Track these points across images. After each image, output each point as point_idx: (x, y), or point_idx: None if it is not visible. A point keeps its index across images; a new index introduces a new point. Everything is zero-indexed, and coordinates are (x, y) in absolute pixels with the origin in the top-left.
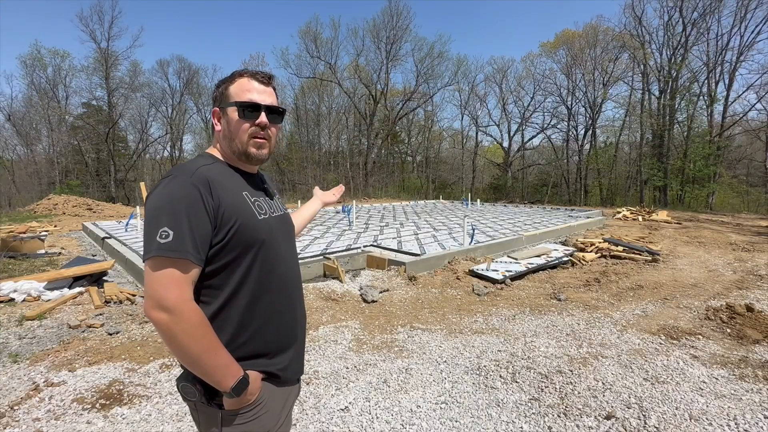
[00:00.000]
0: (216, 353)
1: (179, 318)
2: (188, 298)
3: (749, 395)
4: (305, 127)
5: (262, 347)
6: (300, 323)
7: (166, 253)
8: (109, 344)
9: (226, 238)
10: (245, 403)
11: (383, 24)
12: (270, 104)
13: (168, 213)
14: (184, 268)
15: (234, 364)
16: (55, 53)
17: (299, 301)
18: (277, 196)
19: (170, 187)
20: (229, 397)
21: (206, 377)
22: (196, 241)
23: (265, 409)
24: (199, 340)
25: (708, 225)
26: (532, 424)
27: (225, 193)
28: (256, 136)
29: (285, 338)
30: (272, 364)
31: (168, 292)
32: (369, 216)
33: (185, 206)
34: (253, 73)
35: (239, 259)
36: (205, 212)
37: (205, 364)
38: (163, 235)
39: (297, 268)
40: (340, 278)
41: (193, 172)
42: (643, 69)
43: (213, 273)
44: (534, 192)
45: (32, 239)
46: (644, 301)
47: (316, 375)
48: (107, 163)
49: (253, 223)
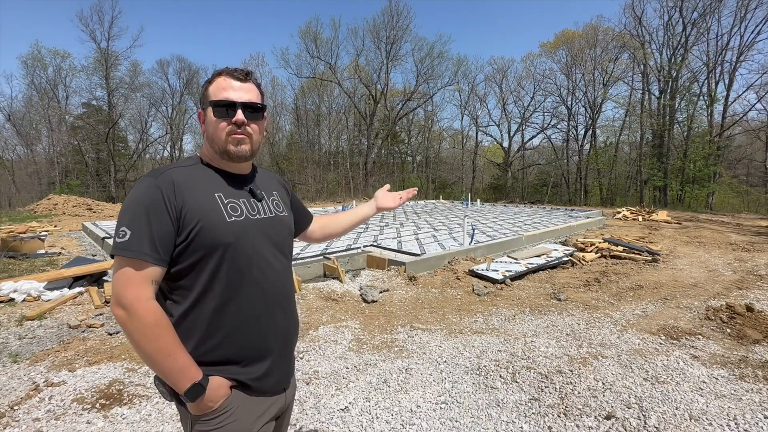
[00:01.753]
0: (170, 355)
1: (133, 316)
2: (145, 297)
3: (749, 395)
4: (305, 127)
5: (233, 354)
6: (285, 332)
7: (122, 252)
8: (109, 344)
9: (189, 238)
10: (206, 409)
11: (383, 24)
12: (247, 101)
13: (128, 213)
14: (140, 267)
15: (192, 369)
16: (55, 53)
17: (283, 308)
18: (272, 198)
19: (136, 189)
20: (185, 401)
21: (163, 378)
22: (154, 240)
23: (232, 418)
24: (152, 340)
25: (708, 225)
26: (532, 424)
27: (192, 194)
28: (233, 134)
29: (260, 346)
30: (244, 372)
31: (125, 291)
32: None
33: (145, 207)
34: (231, 70)
35: (205, 261)
36: (165, 212)
37: (159, 364)
38: (120, 235)
39: (283, 275)
40: (340, 278)
41: (159, 174)
42: (643, 69)
43: (180, 273)
44: (534, 192)
45: (32, 239)
46: (644, 301)
47: (316, 375)
48: (107, 163)
49: (218, 225)
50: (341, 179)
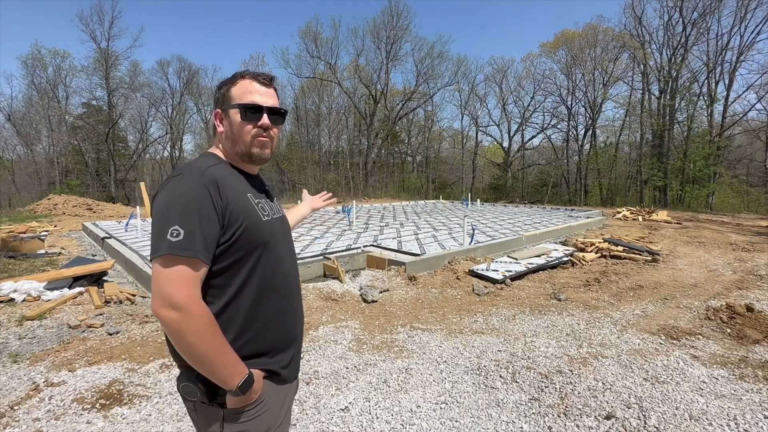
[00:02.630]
0: (223, 352)
1: (189, 316)
2: (198, 296)
3: (749, 395)
4: (305, 127)
5: (264, 346)
6: (299, 323)
7: (177, 252)
8: (109, 344)
9: (233, 238)
10: (249, 401)
11: (383, 24)
12: (272, 106)
13: (179, 212)
14: (195, 267)
15: (240, 363)
16: (55, 53)
17: (298, 302)
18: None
19: (180, 186)
20: (235, 396)
21: (213, 376)
22: (206, 240)
23: (266, 408)
24: (208, 339)
25: (708, 225)
26: (532, 424)
27: (232, 193)
28: (258, 137)
29: (286, 337)
30: (274, 362)
31: (178, 291)
32: (369, 216)
33: (196, 205)
34: (255, 74)
35: (244, 259)
36: (214, 212)
37: (213, 362)
38: (174, 234)
39: (296, 269)
40: (340, 278)
41: (202, 171)
42: (643, 69)
43: (218, 272)
44: (534, 192)
45: (32, 239)
46: (644, 301)
47: (316, 375)
48: (107, 163)
49: (258, 224)
50: (341, 179)
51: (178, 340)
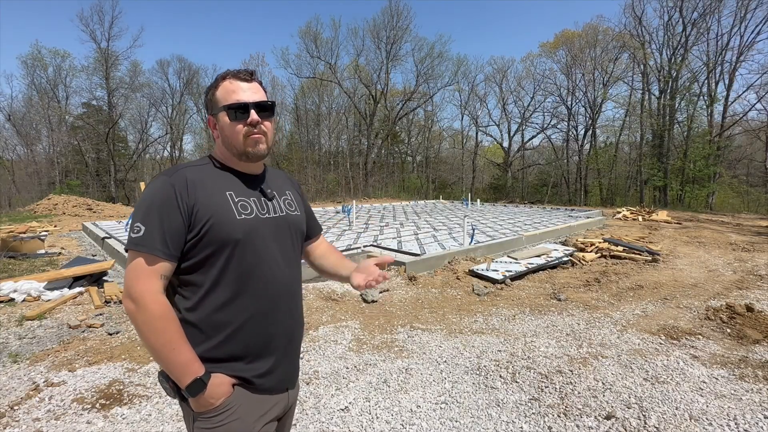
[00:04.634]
0: (174, 349)
1: (141, 309)
2: (154, 290)
3: (749, 395)
4: (305, 127)
5: (238, 350)
6: (290, 330)
7: (135, 247)
8: (109, 344)
9: (200, 234)
10: (207, 406)
11: (383, 24)
12: (257, 101)
13: (143, 210)
14: (151, 261)
15: (194, 364)
16: (55, 53)
17: (289, 307)
18: (284, 198)
19: (150, 186)
20: (186, 396)
21: (167, 372)
22: (165, 236)
23: (235, 416)
24: (159, 333)
25: (708, 225)
26: (532, 424)
27: (204, 192)
28: (250, 135)
29: (265, 343)
30: (248, 369)
31: (135, 283)
32: (369, 216)
33: (158, 204)
34: (235, 72)
35: (215, 256)
36: (177, 209)
37: (164, 358)
38: (135, 230)
39: (291, 272)
40: None
41: (174, 172)
42: (643, 69)
43: (190, 269)
44: (534, 192)
45: (32, 239)
46: (644, 301)
47: (316, 375)
48: (107, 163)
49: (228, 222)
50: (341, 179)
51: (136, 330)
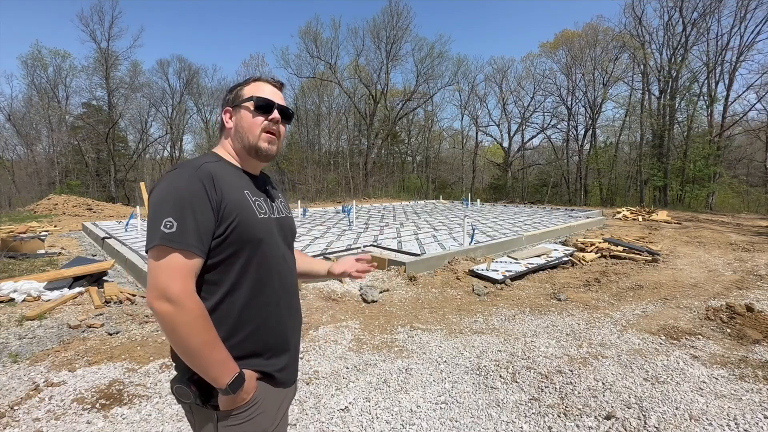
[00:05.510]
0: (215, 348)
1: (182, 309)
2: (192, 289)
3: (749, 395)
4: (305, 127)
5: (258, 347)
6: (297, 326)
7: (170, 243)
8: (109, 344)
9: (226, 232)
10: (240, 402)
11: (383, 24)
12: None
13: (172, 204)
14: (188, 258)
15: (231, 361)
16: (55, 53)
17: (296, 305)
18: (280, 199)
19: (175, 180)
20: (225, 395)
21: (204, 372)
22: (199, 232)
23: (260, 410)
24: (200, 333)
25: (708, 225)
26: (532, 424)
27: (228, 188)
28: (268, 131)
29: (282, 340)
30: (269, 364)
31: (172, 283)
32: (369, 216)
33: (189, 198)
34: (267, 78)
35: (237, 255)
36: (208, 204)
37: (204, 358)
38: (167, 225)
39: (294, 272)
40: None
41: (198, 166)
42: (643, 69)
43: (212, 267)
44: (534, 192)
45: (32, 239)
46: (644, 301)
47: (316, 375)
48: (107, 163)
49: (252, 221)
50: (341, 179)
51: (170, 332)
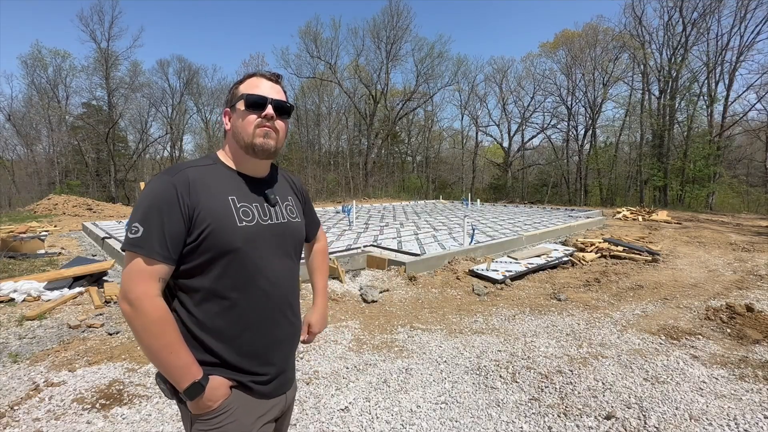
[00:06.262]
0: (172, 352)
1: (139, 312)
2: (152, 293)
3: (749, 395)
4: (305, 127)
5: (235, 357)
6: (288, 338)
7: (132, 248)
8: (109, 344)
9: (198, 239)
10: (205, 408)
11: (383, 24)
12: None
13: (142, 209)
14: (149, 264)
15: (193, 367)
16: (55, 53)
17: (287, 316)
18: (286, 203)
19: (150, 185)
20: (185, 399)
21: (165, 375)
22: (164, 238)
23: (232, 418)
24: (156, 337)
25: (708, 225)
26: (532, 424)
27: (206, 195)
28: (261, 126)
29: (263, 353)
30: (245, 376)
31: (133, 286)
32: (369, 216)
33: (158, 204)
34: (262, 72)
35: (212, 263)
36: (178, 211)
37: (162, 361)
38: (133, 230)
39: (291, 281)
40: (340, 278)
41: (177, 172)
42: (643, 69)
43: (187, 273)
44: (534, 192)
45: (32, 239)
46: (644, 301)
47: (316, 375)
48: (107, 163)
49: (228, 229)
50: (341, 179)
51: (133, 333)
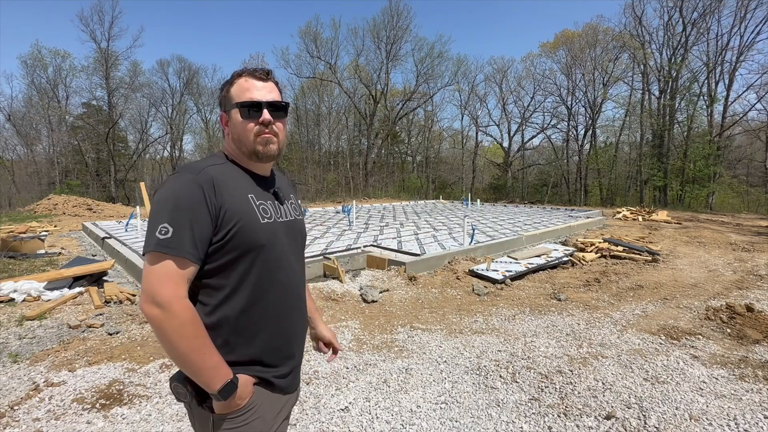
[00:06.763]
0: (205, 354)
1: (171, 314)
2: (182, 295)
3: (749, 395)
4: (305, 127)
5: (257, 353)
6: (300, 334)
7: (163, 249)
8: (109, 344)
9: (226, 238)
10: (234, 407)
11: (383, 24)
12: (271, 100)
13: (169, 210)
14: (181, 265)
15: (223, 367)
16: (55, 53)
17: (301, 311)
18: (291, 201)
19: (175, 184)
20: (217, 400)
21: (195, 377)
22: (195, 239)
23: (256, 415)
24: (189, 339)
25: (708, 225)
26: (532, 424)
27: (229, 193)
28: (261, 134)
29: (283, 347)
30: (268, 371)
31: (162, 288)
32: (369, 216)
33: (187, 204)
34: (251, 71)
35: (237, 261)
36: (206, 211)
37: (194, 363)
38: (162, 231)
39: (301, 277)
40: (340, 278)
41: (199, 170)
42: (643, 69)
43: (211, 272)
44: (534, 192)
45: (32, 239)
46: (644, 301)
47: (316, 375)
48: (107, 163)
49: (253, 226)
50: (341, 179)
51: (160, 337)
